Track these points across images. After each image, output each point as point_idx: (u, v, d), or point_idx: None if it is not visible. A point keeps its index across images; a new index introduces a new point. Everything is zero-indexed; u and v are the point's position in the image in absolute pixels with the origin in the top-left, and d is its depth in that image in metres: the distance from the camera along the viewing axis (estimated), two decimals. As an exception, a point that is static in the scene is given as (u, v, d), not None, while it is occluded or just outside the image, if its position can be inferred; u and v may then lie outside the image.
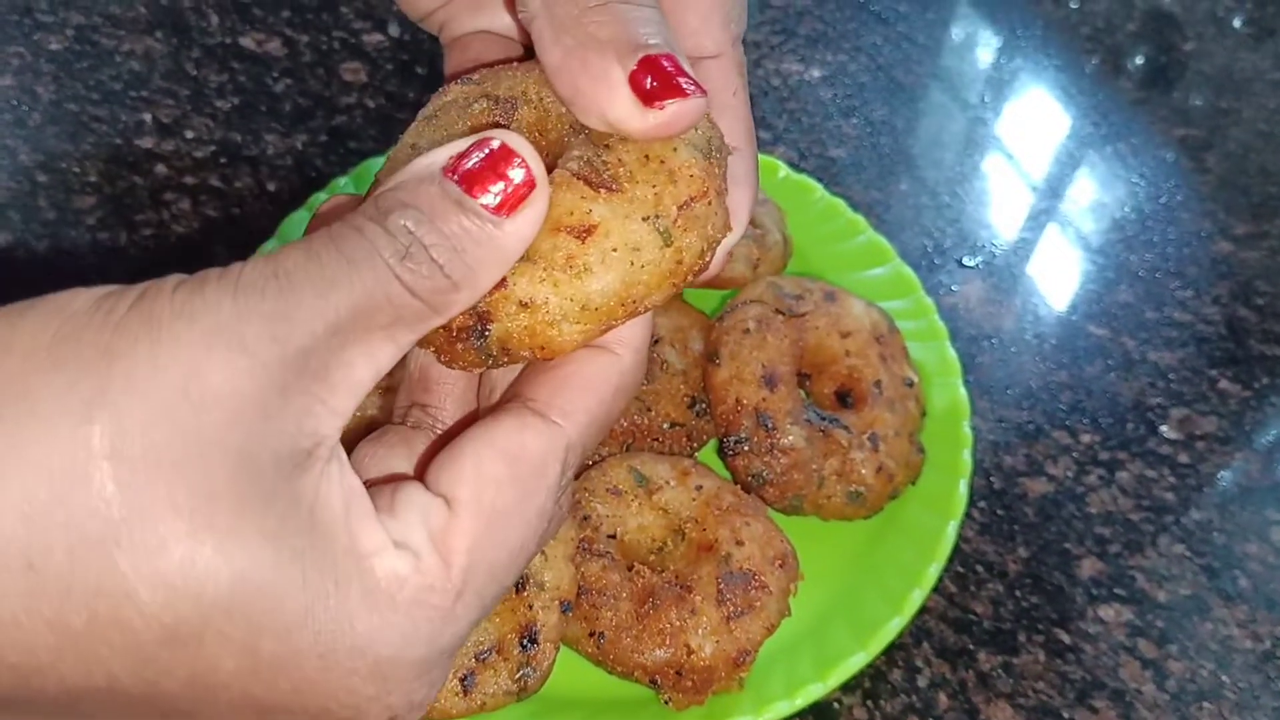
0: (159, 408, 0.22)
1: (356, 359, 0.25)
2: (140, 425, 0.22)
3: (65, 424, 0.21)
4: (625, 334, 0.29)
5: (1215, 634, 0.55)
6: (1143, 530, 0.59)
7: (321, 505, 0.24)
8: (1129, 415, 0.64)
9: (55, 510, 0.21)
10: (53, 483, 0.21)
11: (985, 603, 0.56)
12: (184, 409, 0.22)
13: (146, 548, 0.22)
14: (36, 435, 0.21)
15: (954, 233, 0.72)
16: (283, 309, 0.23)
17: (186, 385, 0.22)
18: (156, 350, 0.22)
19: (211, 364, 0.22)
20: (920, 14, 0.87)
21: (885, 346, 0.58)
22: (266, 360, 0.23)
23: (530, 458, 0.27)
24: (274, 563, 0.23)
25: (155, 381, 0.22)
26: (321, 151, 0.73)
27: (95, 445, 0.21)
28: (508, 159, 0.26)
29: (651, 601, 0.49)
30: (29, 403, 0.22)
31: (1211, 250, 0.73)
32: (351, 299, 0.24)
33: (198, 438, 0.22)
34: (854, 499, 0.54)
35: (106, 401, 0.22)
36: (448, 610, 0.26)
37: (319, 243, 0.24)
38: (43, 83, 0.75)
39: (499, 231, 0.26)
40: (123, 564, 0.22)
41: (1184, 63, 0.86)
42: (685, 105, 0.28)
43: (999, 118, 0.81)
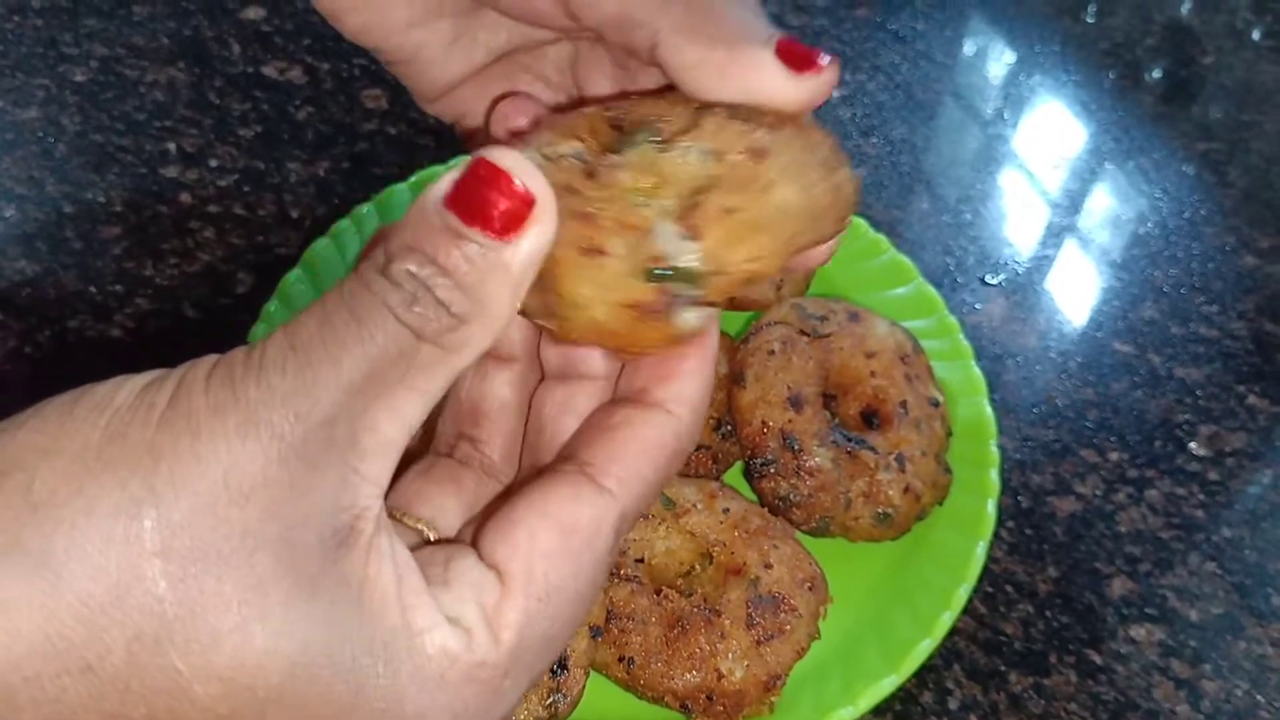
0: (203, 503, 0.22)
1: (381, 419, 0.24)
2: (187, 522, 0.22)
3: (119, 524, 0.22)
4: (686, 392, 0.29)
5: (1249, 653, 0.55)
6: (1173, 548, 0.59)
7: (370, 583, 0.24)
8: (1157, 432, 0.63)
9: (111, 611, 0.22)
10: (108, 583, 0.22)
11: (1015, 623, 0.55)
12: (225, 503, 0.22)
13: (200, 644, 0.22)
14: (91, 536, 0.22)
15: (976, 250, 0.72)
16: (301, 385, 0.23)
17: (226, 479, 0.22)
18: (197, 446, 0.22)
19: (246, 455, 0.23)
20: (938, 32, 0.87)
21: (910, 366, 0.58)
22: (292, 441, 0.23)
23: (584, 530, 0.27)
24: (324, 648, 0.23)
25: (198, 478, 0.22)
26: (344, 178, 0.73)
27: (147, 544, 0.22)
28: (502, 177, 0.25)
29: (680, 626, 0.49)
30: (84, 502, 0.22)
31: (1236, 264, 0.72)
32: (364, 359, 0.24)
33: (241, 530, 0.22)
34: (882, 520, 0.54)
35: (155, 499, 0.22)
36: (497, 686, 0.26)
37: (331, 304, 0.24)
38: (68, 114, 0.76)
39: (503, 256, 0.25)
40: (178, 661, 0.22)
41: (1204, 76, 0.86)
42: (829, 70, 0.30)
43: (1018, 134, 0.81)
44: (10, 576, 0.22)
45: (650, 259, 0.26)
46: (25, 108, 0.76)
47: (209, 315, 0.65)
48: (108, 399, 0.23)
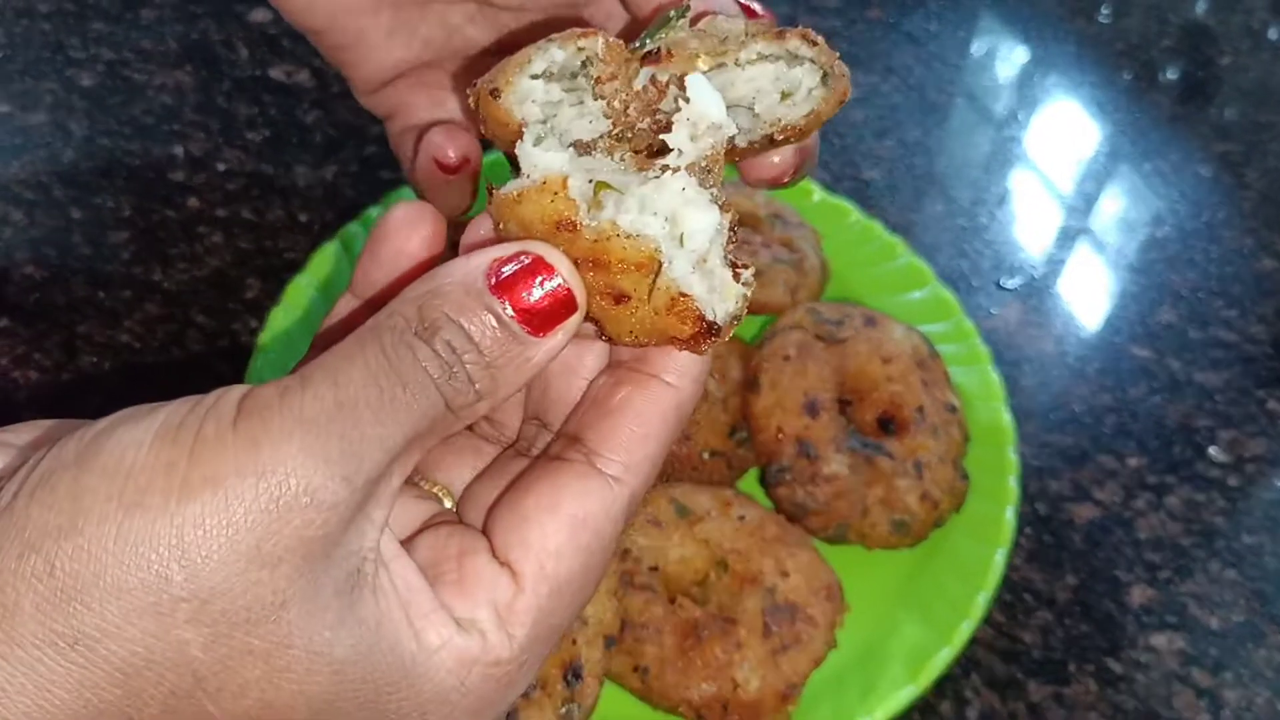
0: (236, 572, 0.23)
1: (395, 475, 0.26)
2: (220, 590, 0.23)
3: (149, 598, 0.23)
4: (685, 363, 0.29)
5: (1270, 661, 0.54)
6: (1193, 555, 0.58)
7: (385, 619, 0.26)
8: (1176, 438, 0.63)
9: (146, 673, 0.23)
10: (143, 652, 0.23)
11: (1034, 632, 0.55)
12: (257, 567, 0.23)
13: (230, 692, 0.24)
14: (123, 613, 0.23)
15: (991, 254, 0.71)
16: (350, 449, 0.24)
17: (260, 546, 0.23)
18: (227, 516, 0.23)
19: (284, 525, 0.24)
20: (951, 33, 0.86)
21: (927, 371, 0.57)
22: (335, 502, 0.24)
23: (593, 523, 0.28)
24: (350, 691, 0.25)
25: (230, 548, 0.23)
26: (352, 181, 0.73)
27: (180, 615, 0.23)
28: (545, 271, 0.26)
29: (696, 635, 0.49)
30: (109, 583, 0.23)
31: (1255, 268, 0.72)
32: (409, 427, 0.25)
33: (271, 591, 0.24)
34: (899, 528, 0.54)
35: (184, 568, 0.23)
36: (512, 678, 0.27)
37: (375, 362, 0.25)
38: (75, 119, 0.75)
39: (532, 351, 0.26)
40: (210, 706, 0.24)
41: (1220, 77, 0.85)
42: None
43: (1033, 136, 0.80)
44: (47, 660, 0.23)
45: (667, 289, 0.27)
46: (33, 112, 0.76)
47: (218, 320, 0.65)
48: (117, 462, 0.24)
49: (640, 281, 0.27)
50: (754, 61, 0.30)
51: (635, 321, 0.28)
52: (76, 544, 0.23)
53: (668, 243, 0.27)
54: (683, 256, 0.27)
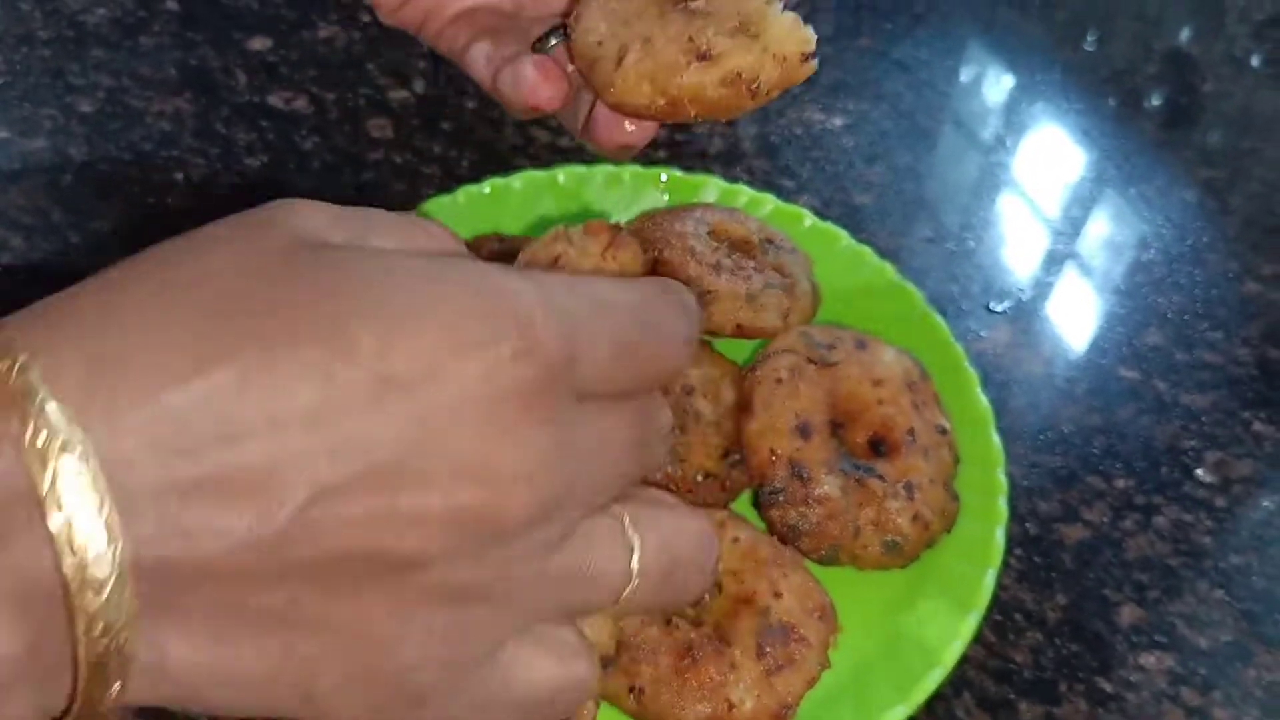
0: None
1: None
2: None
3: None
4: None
5: (1259, 680, 0.55)
6: (1181, 576, 0.59)
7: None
8: (1163, 459, 0.64)
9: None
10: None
11: (1025, 652, 0.55)
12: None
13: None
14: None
15: (980, 278, 0.72)
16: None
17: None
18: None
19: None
20: (940, 60, 0.88)
21: (917, 394, 0.58)
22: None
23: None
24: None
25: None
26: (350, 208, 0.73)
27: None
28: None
29: (691, 656, 0.49)
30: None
31: (1240, 291, 0.73)
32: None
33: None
34: (891, 549, 0.54)
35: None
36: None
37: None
38: (75, 144, 0.76)
39: None
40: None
41: (1204, 103, 0.86)
42: None
43: (1021, 161, 0.81)
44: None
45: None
46: (32, 138, 0.76)
47: (216, 345, 0.65)
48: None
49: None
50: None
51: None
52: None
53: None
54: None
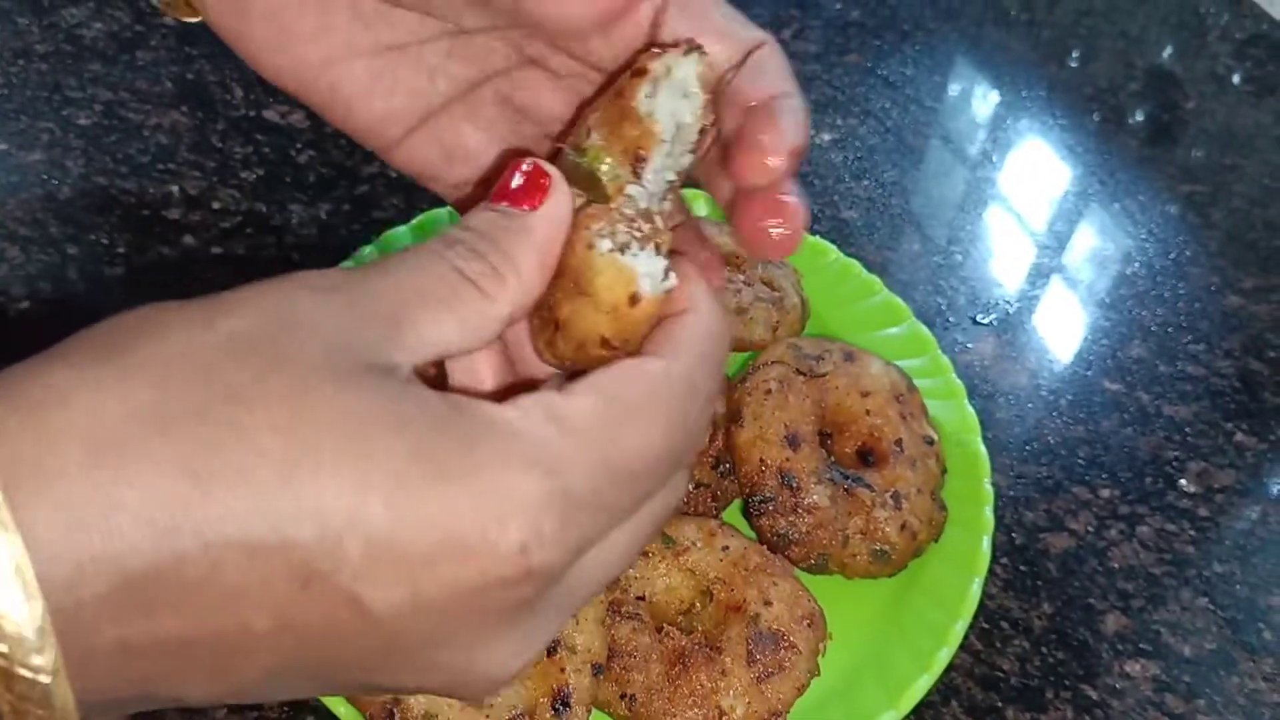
0: (261, 321, 0.26)
1: (424, 323, 0.28)
2: (247, 332, 0.26)
3: (192, 329, 0.25)
4: (698, 294, 0.31)
5: (1242, 687, 0.56)
6: (1165, 584, 0.60)
7: (413, 386, 0.27)
8: (1147, 469, 0.64)
9: (184, 383, 0.25)
10: (184, 367, 0.25)
11: (1011, 659, 0.56)
12: (280, 324, 0.26)
13: (260, 403, 0.25)
14: (170, 340, 0.25)
15: (966, 291, 0.73)
16: (358, 275, 0.28)
17: (279, 309, 0.26)
18: (254, 291, 0.27)
19: (299, 298, 0.26)
20: (927, 77, 0.89)
21: (905, 405, 0.59)
22: (343, 302, 0.27)
23: (652, 376, 0.29)
24: (377, 412, 0.25)
25: (256, 306, 0.26)
26: (345, 220, 0.74)
27: (215, 342, 0.25)
28: (525, 166, 0.31)
29: (682, 663, 0.50)
30: (167, 323, 0.26)
31: (1222, 304, 0.74)
32: (412, 275, 0.28)
33: (294, 340, 0.26)
34: (879, 557, 0.55)
35: (224, 313, 0.26)
36: (569, 459, 0.27)
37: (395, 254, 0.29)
38: (72, 157, 0.77)
39: (525, 220, 0.30)
40: (244, 418, 0.25)
41: (1186, 120, 0.87)
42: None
43: (1007, 177, 0.82)
44: (98, 364, 0.25)
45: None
46: (30, 151, 0.77)
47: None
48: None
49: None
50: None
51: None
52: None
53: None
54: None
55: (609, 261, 0.30)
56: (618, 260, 0.30)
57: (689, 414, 0.29)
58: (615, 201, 0.31)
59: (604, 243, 0.30)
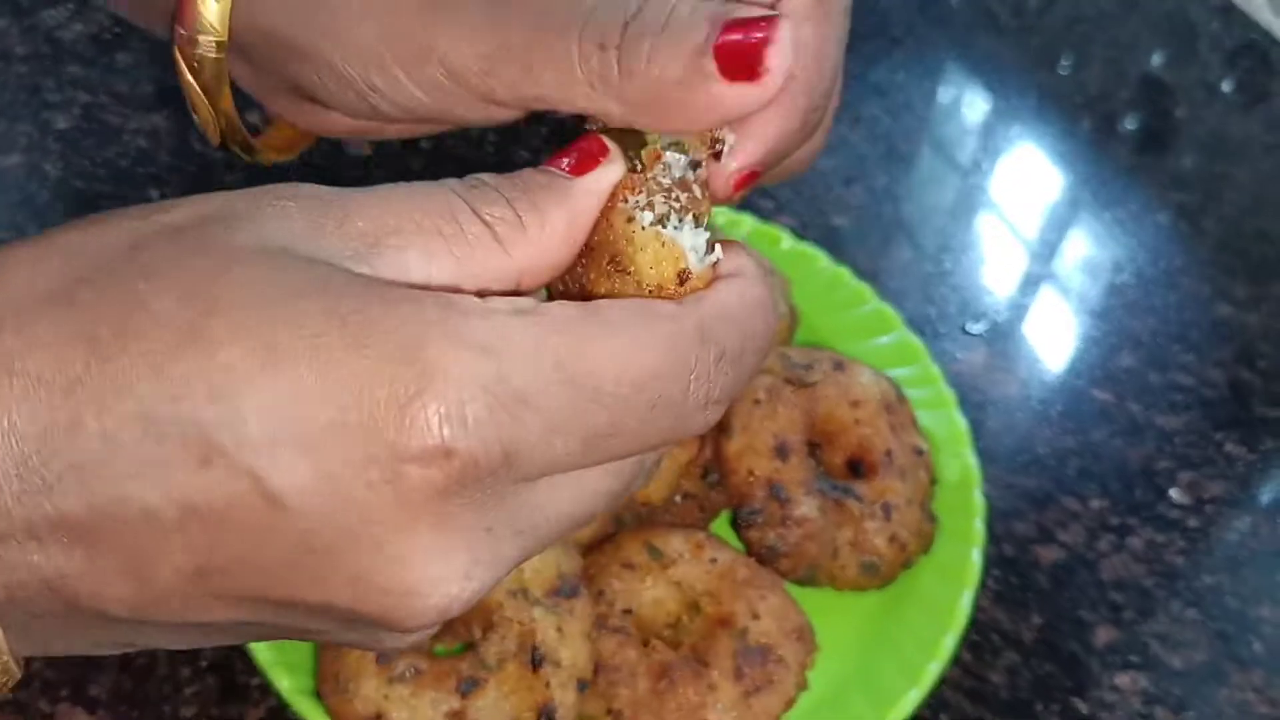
0: (198, 217, 0.25)
1: (411, 248, 0.25)
2: (181, 223, 0.24)
3: (127, 219, 0.25)
4: (743, 262, 0.28)
5: (1232, 699, 0.55)
6: (1155, 596, 0.59)
7: (352, 272, 0.24)
8: (1137, 480, 0.64)
9: (101, 261, 0.24)
10: (104, 247, 0.24)
11: (1001, 672, 0.56)
12: (218, 220, 0.24)
13: (167, 278, 0.23)
14: (102, 225, 0.25)
15: (956, 300, 0.73)
16: (335, 192, 0.25)
17: (224, 208, 0.25)
18: (215, 197, 0.25)
19: (244, 200, 0.25)
20: (917, 84, 0.89)
21: (894, 415, 0.58)
22: (302, 208, 0.25)
23: (658, 308, 0.25)
24: (293, 276, 0.23)
25: (201, 204, 0.25)
26: (328, 226, 0.73)
27: (147, 230, 0.24)
28: (589, 139, 0.28)
29: (669, 677, 0.49)
30: (105, 216, 0.25)
31: (1212, 314, 0.73)
32: (410, 197, 0.25)
33: (227, 234, 0.24)
34: (868, 569, 0.54)
35: (162, 210, 0.25)
36: (514, 343, 0.23)
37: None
38: (50, 160, 0.76)
39: (566, 183, 0.27)
40: (141, 284, 0.23)
41: (1176, 128, 0.87)
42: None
43: (997, 185, 0.82)
44: (18, 245, 0.24)
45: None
46: (7, 154, 0.76)
47: (192, 363, 0.65)
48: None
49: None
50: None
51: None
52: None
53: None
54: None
55: (653, 237, 0.27)
56: (662, 235, 0.27)
57: (687, 359, 0.25)
58: (651, 169, 0.28)
59: (645, 215, 0.27)
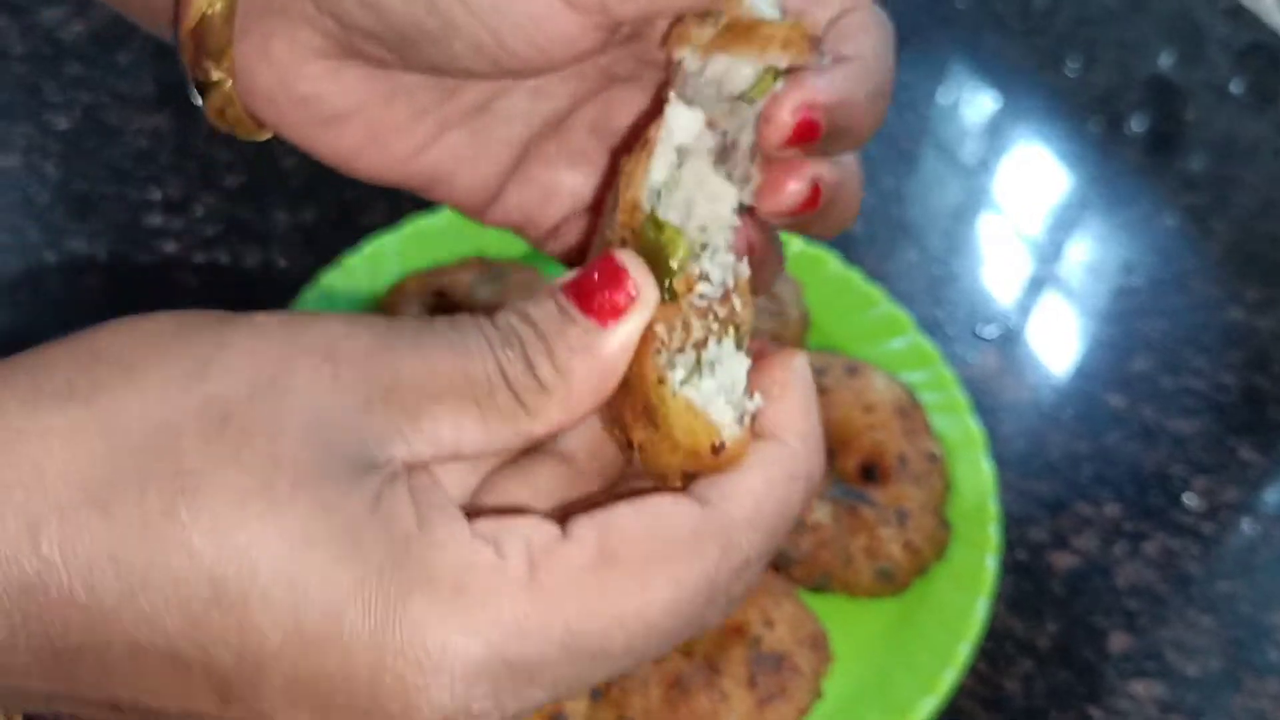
0: (247, 389, 0.24)
1: (444, 419, 0.25)
2: (228, 398, 0.24)
3: (167, 387, 0.24)
4: (786, 419, 0.27)
5: (1248, 708, 0.55)
6: (1170, 603, 0.59)
7: (386, 500, 0.24)
8: (1151, 485, 0.63)
9: (138, 456, 0.23)
10: (141, 432, 0.23)
11: (1017, 680, 0.55)
12: (269, 392, 0.24)
13: (207, 498, 0.23)
14: (140, 392, 0.24)
15: (967, 304, 0.72)
16: (387, 343, 0.25)
17: (276, 377, 0.24)
18: (256, 345, 0.25)
19: (304, 366, 0.24)
20: (924, 84, 0.88)
21: (908, 420, 0.57)
22: (355, 377, 0.25)
23: (678, 526, 0.24)
24: (326, 534, 0.23)
25: (253, 369, 0.24)
26: (332, 227, 0.73)
27: (187, 406, 0.24)
28: (618, 273, 0.26)
29: (681, 686, 0.48)
30: (141, 367, 0.24)
31: (1224, 318, 0.73)
32: (452, 358, 0.25)
33: (275, 416, 0.24)
34: (882, 576, 0.54)
35: (205, 375, 0.24)
36: (521, 624, 0.23)
37: (439, 320, 0.26)
38: (51, 162, 0.75)
39: (593, 339, 0.26)
40: (183, 513, 0.23)
41: (1185, 130, 0.87)
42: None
43: (1005, 187, 0.81)
44: (55, 411, 0.23)
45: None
46: (7, 155, 0.75)
47: (195, 366, 0.64)
48: (190, 313, 0.26)
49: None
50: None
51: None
52: (129, 335, 0.25)
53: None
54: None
55: (684, 409, 0.25)
56: (694, 406, 0.25)
57: (709, 589, 0.25)
58: (685, 298, 0.26)
59: (676, 375, 0.26)
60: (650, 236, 0.27)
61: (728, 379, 0.26)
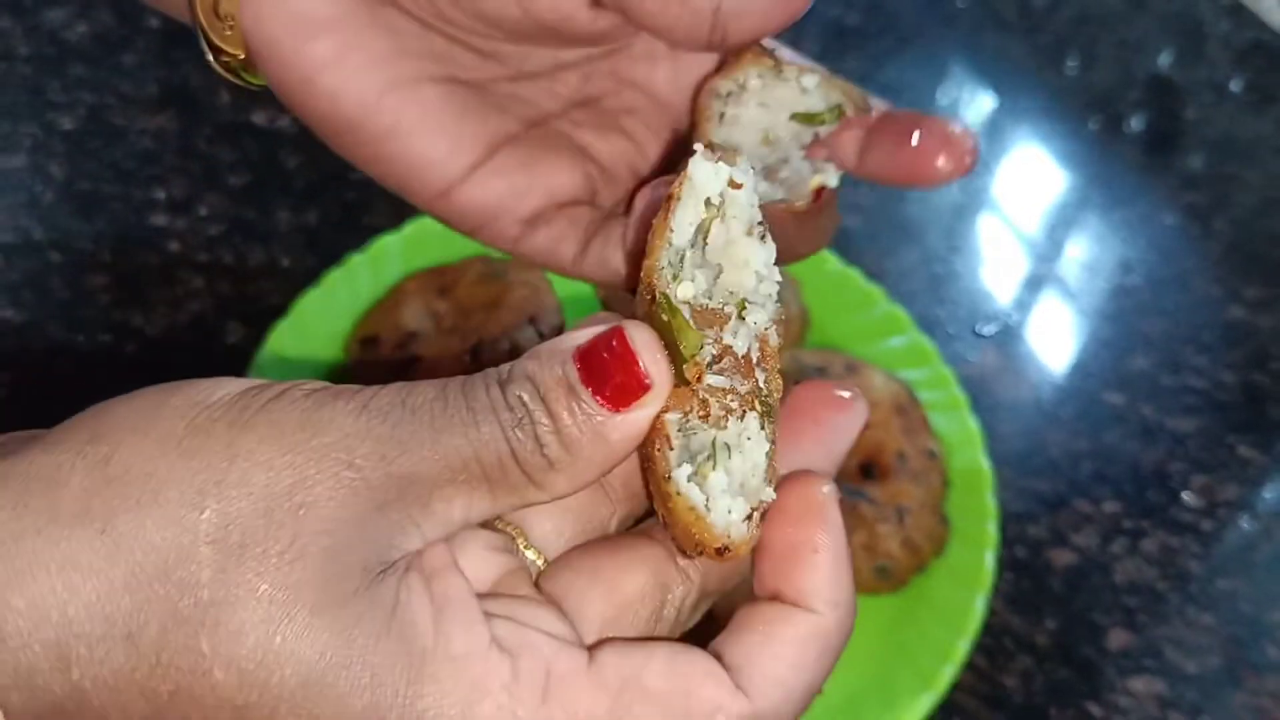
0: (262, 506, 0.24)
1: (456, 500, 0.26)
2: (244, 520, 0.24)
3: (181, 511, 0.24)
4: (819, 585, 0.26)
5: (1247, 705, 0.55)
6: (1169, 600, 0.59)
7: (404, 607, 0.25)
8: (1150, 483, 0.64)
9: (156, 586, 0.23)
10: (159, 560, 0.24)
11: (1015, 676, 0.55)
12: (284, 509, 0.24)
13: (227, 631, 0.23)
14: (154, 516, 0.24)
15: (967, 302, 0.72)
16: (400, 436, 0.25)
17: (292, 491, 0.24)
18: (273, 457, 0.24)
19: (320, 476, 0.24)
20: (924, 84, 0.88)
21: (907, 418, 0.58)
22: (371, 479, 0.24)
23: (705, 701, 0.25)
24: (344, 658, 0.24)
25: (265, 483, 0.24)
26: (334, 227, 0.73)
27: (201, 530, 0.24)
28: (629, 355, 0.25)
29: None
30: (154, 485, 0.24)
31: (1224, 316, 0.73)
32: (466, 445, 0.25)
33: (291, 536, 0.24)
34: (881, 573, 0.54)
35: (220, 494, 0.24)
36: None
37: (452, 390, 0.26)
38: (55, 162, 0.75)
39: (605, 425, 0.25)
40: (204, 645, 0.23)
41: (1185, 128, 0.87)
42: None
43: (1006, 186, 0.81)
44: (75, 540, 0.23)
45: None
46: (12, 155, 0.75)
47: (199, 366, 0.64)
48: (205, 395, 0.25)
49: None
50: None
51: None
52: (139, 444, 0.24)
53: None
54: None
55: (687, 511, 0.25)
56: (697, 510, 0.25)
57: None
58: (698, 384, 0.26)
59: (682, 473, 0.25)
60: (664, 320, 0.26)
61: (744, 466, 0.26)
